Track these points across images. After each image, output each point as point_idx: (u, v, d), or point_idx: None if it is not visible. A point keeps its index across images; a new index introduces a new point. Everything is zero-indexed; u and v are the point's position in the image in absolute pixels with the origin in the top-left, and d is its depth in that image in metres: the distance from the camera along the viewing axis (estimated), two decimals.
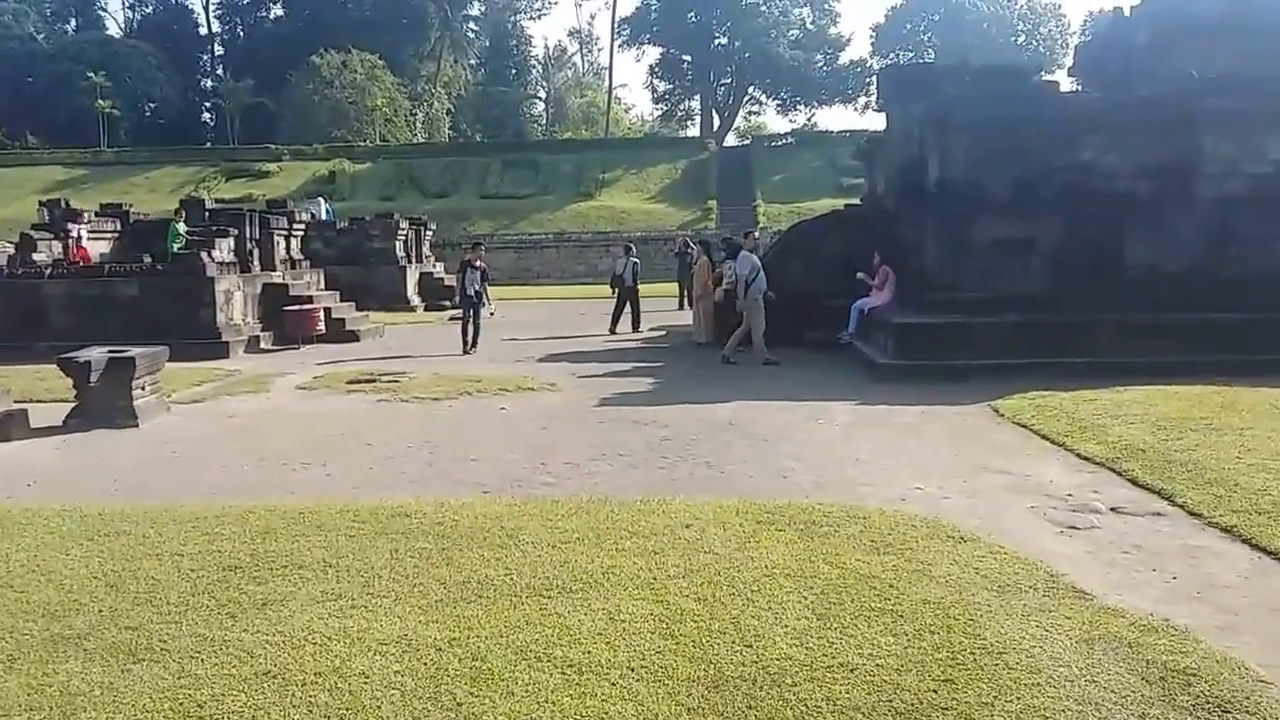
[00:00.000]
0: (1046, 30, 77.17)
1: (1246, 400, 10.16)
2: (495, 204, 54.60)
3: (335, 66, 67.55)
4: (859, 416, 10.88)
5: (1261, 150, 14.32)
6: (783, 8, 76.17)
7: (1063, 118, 14.68)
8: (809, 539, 6.18)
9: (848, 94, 79.25)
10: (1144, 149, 14.32)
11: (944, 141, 14.91)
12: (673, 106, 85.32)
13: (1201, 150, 14.27)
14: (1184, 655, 4.51)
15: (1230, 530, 6.46)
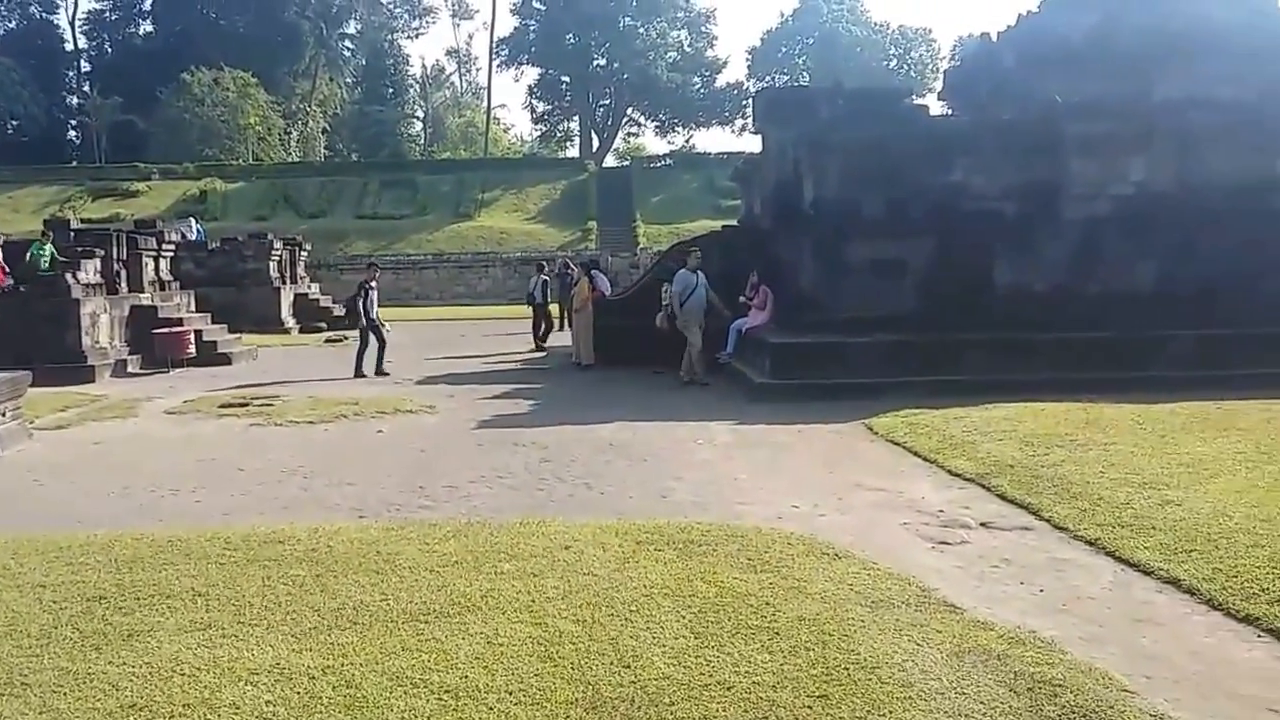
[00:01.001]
0: (917, 54, 79.52)
1: (1110, 416, 10.54)
2: (372, 224, 53.73)
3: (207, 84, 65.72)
4: (738, 436, 10.96)
5: (1124, 172, 14.92)
6: (660, 30, 76.93)
7: (933, 140, 15.10)
8: (687, 558, 6.16)
9: (725, 116, 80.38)
10: (1012, 171, 14.81)
11: (818, 163, 15.19)
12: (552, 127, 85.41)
13: (1067, 172, 14.81)
14: (1051, 666, 4.61)
15: (1095, 543, 6.66)
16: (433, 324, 31.69)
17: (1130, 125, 14.72)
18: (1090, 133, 14.68)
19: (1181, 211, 14.39)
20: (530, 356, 20.67)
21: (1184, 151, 14.71)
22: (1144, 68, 15.17)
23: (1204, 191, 14.47)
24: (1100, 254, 14.57)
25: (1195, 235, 14.35)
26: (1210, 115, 14.62)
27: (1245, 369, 12.58)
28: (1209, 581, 5.73)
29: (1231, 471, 8.09)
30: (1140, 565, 6.16)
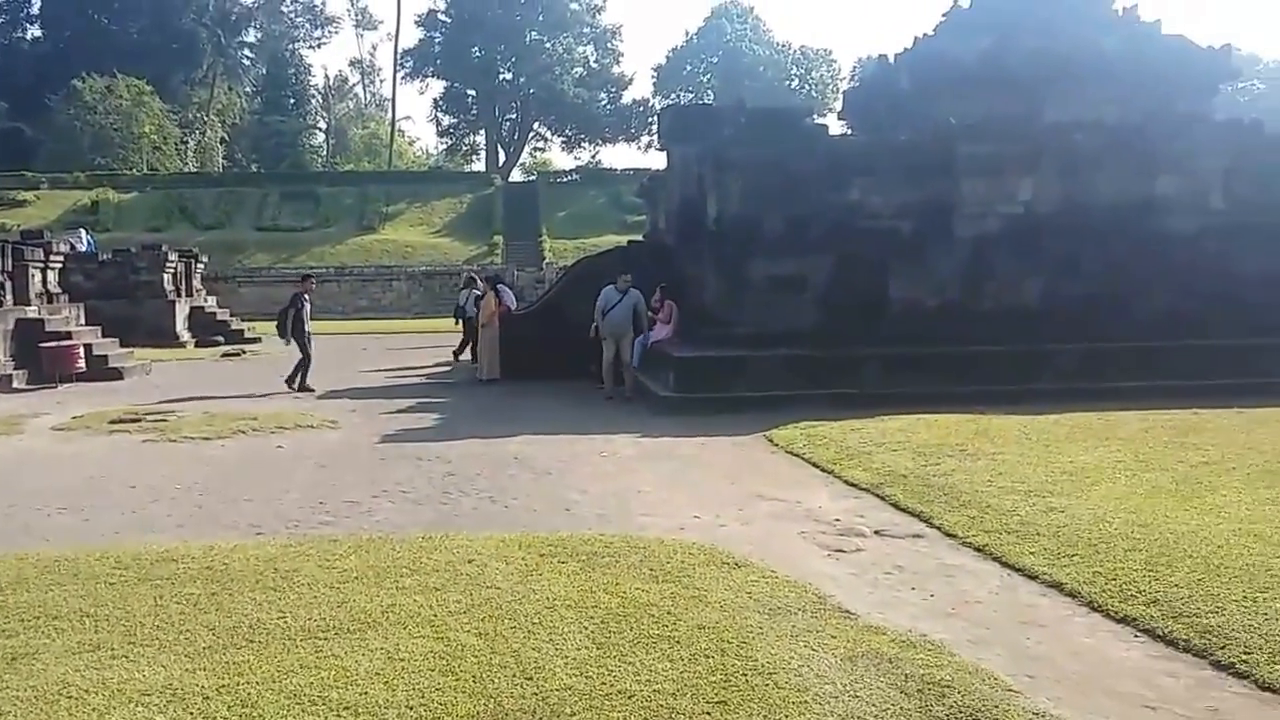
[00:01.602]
0: (819, 75, 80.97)
1: (998, 427, 10.90)
2: (273, 236, 52.71)
3: (99, 91, 63.82)
4: (642, 448, 11.06)
5: (1013, 192, 15.44)
6: (567, 46, 77.10)
7: (832, 159, 15.44)
8: (590, 570, 6.22)
9: (631, 132, 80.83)
10: (907, 190, 15.21)
11: (721, 180, 15.41)
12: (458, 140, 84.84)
13: (959, 192, 15.27)
14: (940, 668, 4.77)
15: (982, 549, 6.89)
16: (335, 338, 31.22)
17: (1019, 146, 15.25)
18: (981, 153, 15.17)
19: (1067, 230, 14.94)
20: (435, 371, 20.51)
21: (1070, 172, 15.28)
22: (1034, 91, 15.76)
23: (1088, 211, 15.06)
24: (990, 271, 15.05)
25: (1080, 253, 14.90)
26: (1095, 137, 15.23)
27: (1125, 381, 13.12)
28: (1089, 585, 5.98)
29: (1111, 479, 8.44)
30: (1025, 570, 6.39)
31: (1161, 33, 17.19)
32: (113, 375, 19.21)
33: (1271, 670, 4.74)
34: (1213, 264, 14.83)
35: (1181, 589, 5.72)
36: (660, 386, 14.40)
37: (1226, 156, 15.58)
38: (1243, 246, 14.92)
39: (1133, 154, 15.33)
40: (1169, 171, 15.44)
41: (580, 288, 18.12)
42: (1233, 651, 4.97)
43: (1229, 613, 5.34)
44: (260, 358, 24.89)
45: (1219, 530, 6.76)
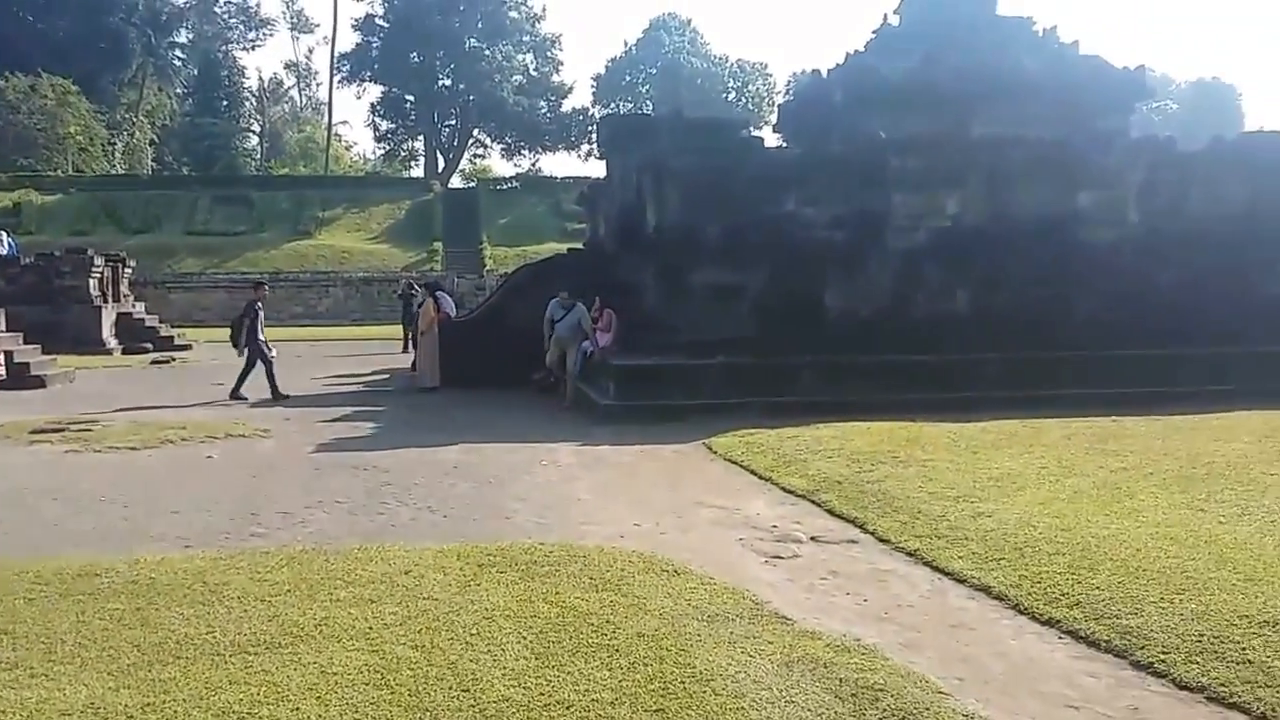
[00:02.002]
0: (755, 88, 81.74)
1: (929, 434, 11.10)
2: (204, 241, 51.87)
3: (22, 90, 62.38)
4: (582, 457, 11.09)
5: (942, 205, 15.77)
6: (506, 53, 76.92)
7: (768, 170, 15.63)
8: (530, 579, 6.24)
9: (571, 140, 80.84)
10: (840, 202, 15.46)
11: (660, 189, 15.53)
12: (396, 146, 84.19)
13: (890, 204, 15.54)
14: (872, 672, 4.87)
15: (914, 554, 7.03)
16: None
17: (947, 161, 15.58)
18: (911, 167, 15.48)
19: (993, 242, 15.29)
20: (373, 378, 20.35)
21: (996, 186, 15.66)
22: (961, 108, 16.09)
23: (1014, 223, 15.44)
24: (921, 281, 15.33)
25: (1006, 264, 15.24)
26: (1019, 153, 15.62)
27: (1049, 389, 13.41)
28: (1016, 588, 6.13)
29: (1036, 485, 8.65)
30: (955, 574, 6.54)
31: (1080, 54, 17.63)
32: (35, 384, 18.77)
33: (1188, 669, 4.90)
34: (1131, 275, 15.26)
35: (1102, 591, 5.89)
36: (600, 395, 14.44)
37: (1142, 172, 16.08)
38: (1157, 258, 15.38)
39: (1055, 169, 15.74)
40: (1089, 186, 15.89)
41: (521, 295, 18.15)
42: (1151, 651, 5.13)
43: (1147, 614, 5.51)
44: (190, 365, 24.50)
45: (1137, 534, 6.97)
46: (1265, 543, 6.75)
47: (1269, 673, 4.78)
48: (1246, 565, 6.20)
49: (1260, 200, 15.99)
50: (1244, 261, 15.55)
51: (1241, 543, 6.72)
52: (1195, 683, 4.79)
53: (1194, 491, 8.27)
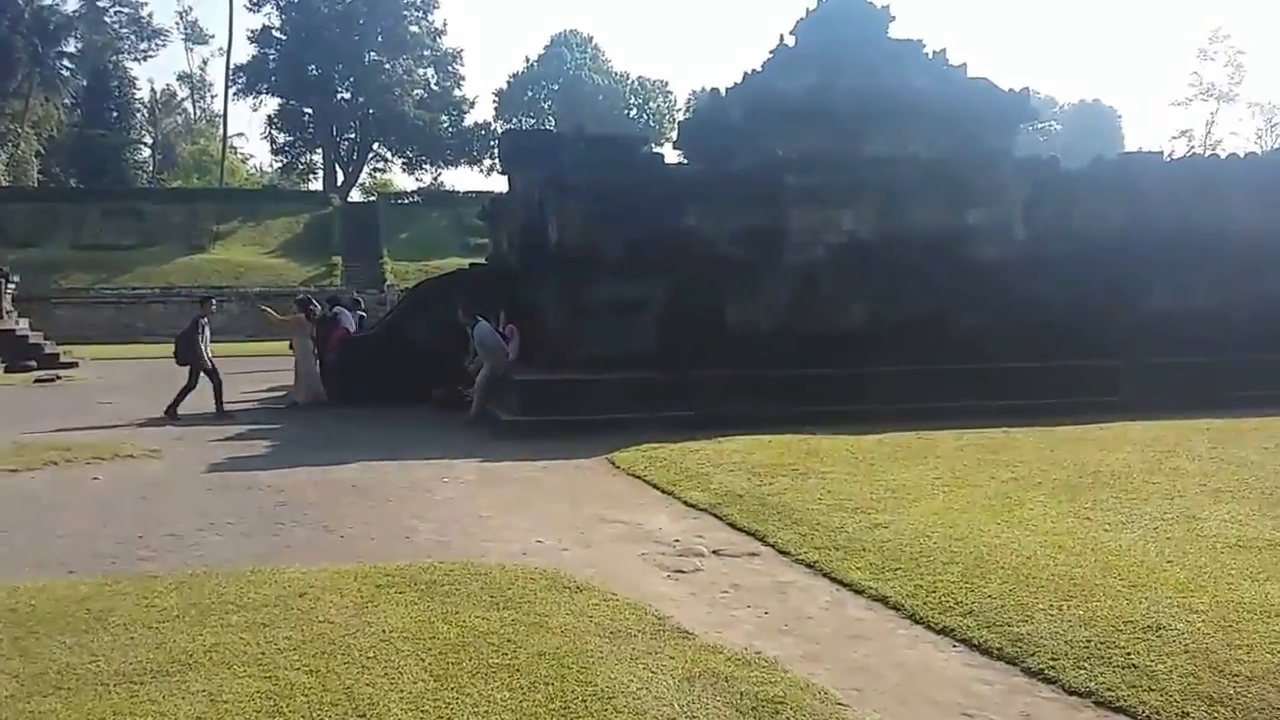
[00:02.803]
0: (656, 105, 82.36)
1: (827, 447, 11.27)
2: (93, 255, 50.26)
3: None
4: (484, 473, 11.01)
5: (838, 222, 16.05)
6: (407, 67, 76.20)
7: (668, 187, 15.75)
8: (429, 599, 6.16)
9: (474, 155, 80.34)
10: (740, 218, 15.63)
11: (561, 205, 15.52)
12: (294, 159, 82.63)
13: (788, 220, 15.77)
14: (773, 685, 4.91)
15: (814, 566, 7.12)
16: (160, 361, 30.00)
17: (842, 179, 15.88)
18: (807, 184, 15.74)
19: (888, 258, 15.62)
20: (269, 396, 19.91)
21: (889, 204, 16.01)
22: (855, 127, 16.44)
23: (907, 240, 15.80)
24: (819, 296, 15.58)
25: (900, 279, 15.57)
26: (911, 171, 16.00)
27: (942, 402, 13.74)
28: (912, 598, 6.25)
29: (930, 496, 8.84)
30: (853, 585, 6.64)
31: (968, 76, 18.15)
32: None
33: (1076, 675, 5.04)
34: (1018, 289, 15.72)
35: (995, 599, 6.03)
36: (503, 410, 14.35)
37: (1027, 190, 16.60)
38: (1043, 273, 15.86)
39: (945, 187, 16.16)
40: (977, 204, 16.35)
41: (421, 311, 17.96)
42: (1041, 658, 5.26)
43: (1037, 621, 5.66)
44: (77, 384, 23.69)
45: (1027, 543, 7.16)
46: (1148, 549, 6.99)
47: (1153, 676, 4.94)
48: (1130, 572, 6.40)
49: (1139, 218, 16.61)
50: (1125, 277, 16.13)
51: (1125, 550, 6.94)
52: (1084, 688, 4.93)
53: (1081, 500, 8.53)
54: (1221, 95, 74.43)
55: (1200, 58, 75.51)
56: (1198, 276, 16.59)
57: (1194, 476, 9.57)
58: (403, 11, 75.80)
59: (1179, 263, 16.44)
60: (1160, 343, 15.29)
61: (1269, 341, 15.66)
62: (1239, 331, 15.91)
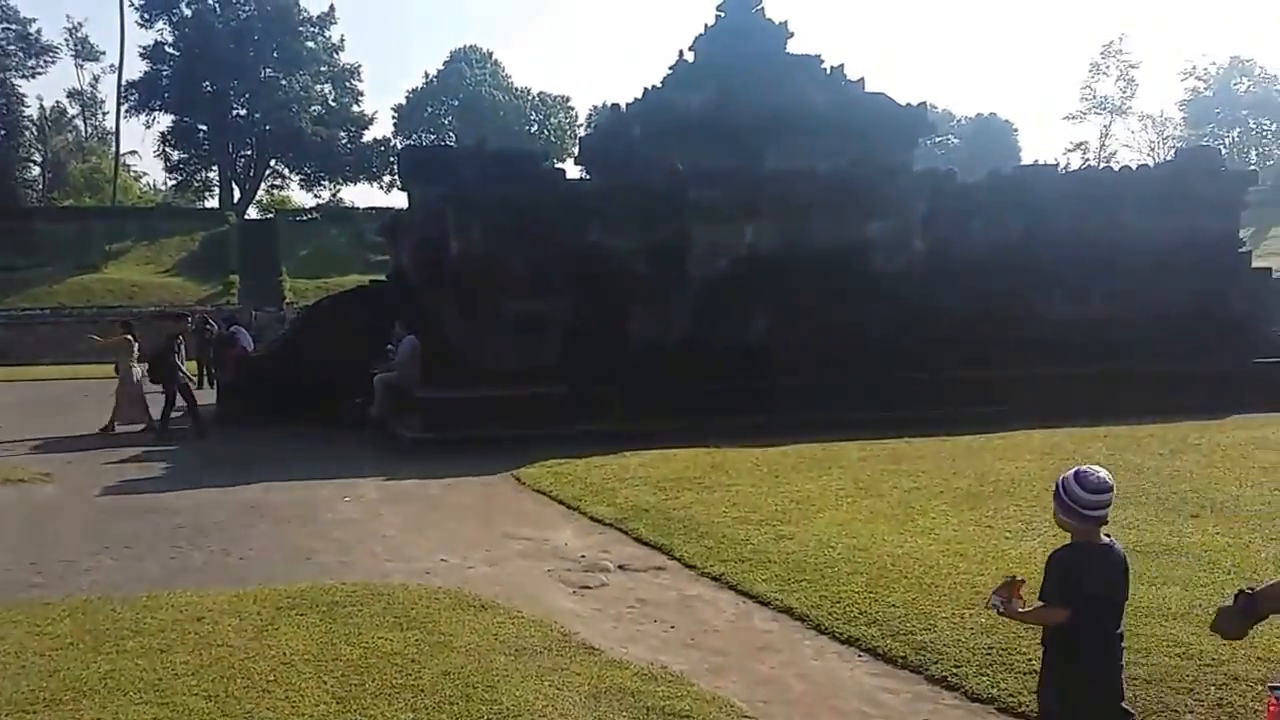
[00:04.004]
0: (557, 120, 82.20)
1: (732, 460, 11.36)
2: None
3: None
4: (387, 492, 10.86)
5: (740, 236, 16.21)
6: (304, 83, 74.94)
7: (570, 202, 15.74)
8: (331, 621, 6.07)
9: (373, 171, 79.23)
10: (642, 232, 15.69)
11: (463, 221, 15.42)
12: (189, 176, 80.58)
13: (690, 235, 15.88)
14: (679, 699, 4.94)
15: (720, 579, 7.17)
16: (51, 384, 29.02)
17: (743, 193, 16.05)
18: (708, 199, 15.88)
19: (790, 271, 15.82)
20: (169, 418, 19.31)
21: (790, 217, 16.21)
22: (755, 141, 16.65)
23: (808, 253, 16.02)
24: (722, 309, 15.71)
25: (802, 292, 15.77)
26: (811, 185, 16.24)
27: (846, 413, 13.94)
28: (817, 608, 6.33)
29: (834, 506, 8.97)
30: (759, 596, 6.70)
31: (866, 91, 18.52)
32: None
33: (979, 681, 5.15)
34: (918, 301, 16.04)
35: (898, 608, 6.14)
36: (406, 428, 14.18)
37: (926, 203, 16.96)
38: (942, 284, 16.21)
39: (845, 200, 16.43)
40: (877, 216, 16.65)
41: (320, 329, 17.65)
42: (945, 665, 5.37)
43: (940, 629, 5.77)
44: None
45: (930, 551, 7.30)
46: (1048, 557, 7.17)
47: None
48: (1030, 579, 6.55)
49: (1035, 229, 17.09)
50: (1022, 287, 16.57)
51: (1026, 557, 7.10)
52: (986, 694, 5.03)
53: (982, 509, 8.72)
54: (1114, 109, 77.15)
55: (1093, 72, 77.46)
56: (1094, 286, 17.12)
57: None
58: (298, 28, 74.62)
59: (1075, 273, 16.95)
60: (1058, 352, 15.75)
61: (1164, 349, 16.24)
62: (1135, 339, 16.44)
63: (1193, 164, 19.08)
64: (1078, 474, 3.90)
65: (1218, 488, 9.42)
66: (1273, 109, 74.24)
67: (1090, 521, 3.89)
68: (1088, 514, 3.87)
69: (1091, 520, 3.89)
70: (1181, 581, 6.49)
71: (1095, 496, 3.85)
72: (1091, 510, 3.86)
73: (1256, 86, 75.90)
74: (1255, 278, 18.69)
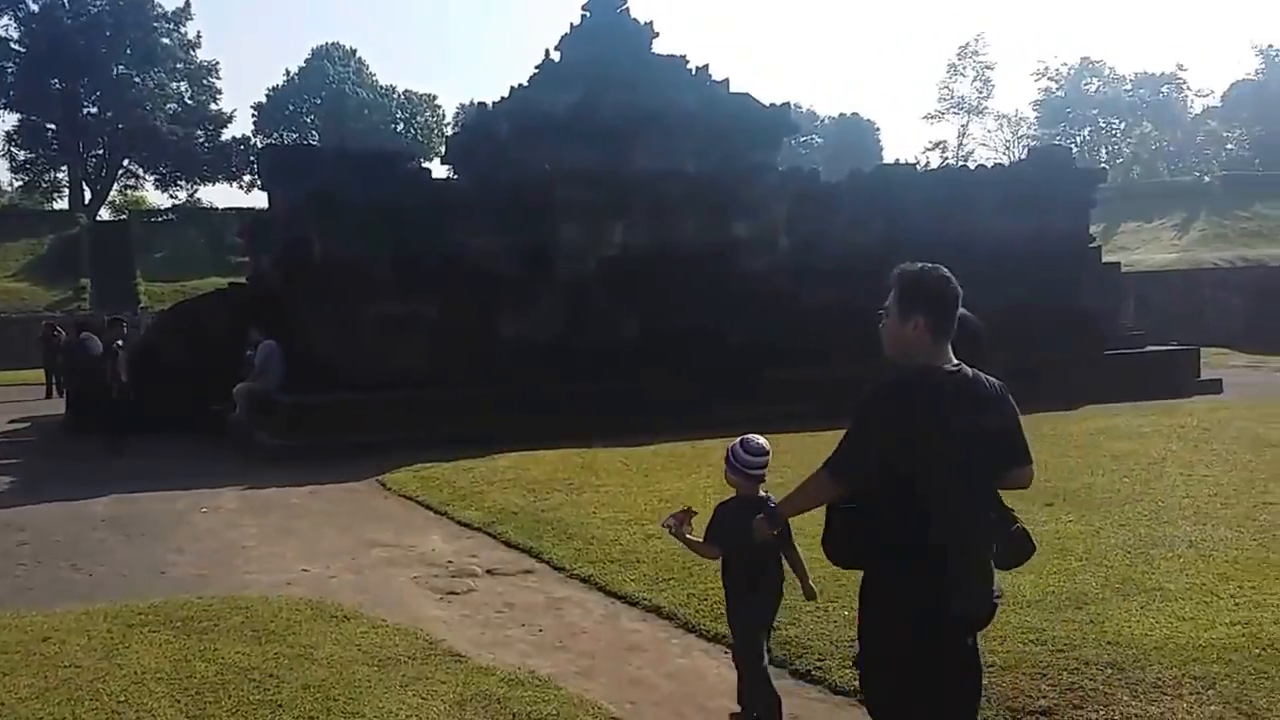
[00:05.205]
0: (424, 119, 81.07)
1: (602, 460, 11.37)
2: None
3: None
4: (247, 502, 10.55)
5: (609, 236, 16.25)
6: (159, 81, 72.27)
7: (438, 202, 15.55)
8: (185, 637, 5.85)
9: (232, 171, 76.81)
10: (510, 233, 15.58)
11: (326, 222, 15.08)
12: (36, 177, 76.92)
13: (558, 235, 15.85)
14: (545, 704, 4.90)
15: (589, 580, 7.16)
16: None
17: (611, 193, 16.09)
18: (577, 199, 15.88)
19: (659, 271, 15.92)
20: (10, 428, 18.41)
21: (658, 217, 16.33)
22: (622, 141, 16.68)
23: (677, 252, 16.14)
24: (592, 309, 15.73)
25: (671, 291, 15.90)
26: (677, 185, 16.38)
27: (715, 410, 14.07)
28: (684, 606, 6.37)
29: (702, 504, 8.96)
30: (628, 597, 6.71)
31: (730, 91, 18.73)
32: None
33: (842, 675, 5.21)
34: (784, 299, 16.31)
35: None
36: (268, 435, 13.79)
37: (788, 203, 17.27)
38: (808, 282, 16.52)
39: (711, 200, 16.62)
40: (742, 217, 16.89)
41: (177, 334, 17.05)
42: (809, 660, 5.45)
43: (804, 624, 5.86)
44: None
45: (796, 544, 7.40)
46: None
47: None
48: None
49: (896, 226, 17.47)
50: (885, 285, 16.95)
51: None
52: (849, 687, 5.08)
53: None
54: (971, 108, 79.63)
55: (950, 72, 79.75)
56: None
57: None
58: (153, 24, 71.90)
59: None
60: None
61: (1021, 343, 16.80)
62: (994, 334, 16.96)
63: (1045, 163, 19.88)
64: (743, 441, 4.78)
65: (1070, 476, 9.82)
66: (1121, 108, 77.71)
67: (751, 480, 4.76)
68: (750, 473, 4.75)
69: (752, 479, 4.76)
70: (1036, 570, 6.71)
71: (755, 459, 4.74)
72: (753, 470, 4.74)
73: (1106, 87, 79.45)
74: (1105, 272, 19.59)
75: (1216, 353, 23.03)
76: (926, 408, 3.14)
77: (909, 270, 3.51)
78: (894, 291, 3.50)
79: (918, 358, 3.30)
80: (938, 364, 3.27)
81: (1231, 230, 40.41)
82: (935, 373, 3.23)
